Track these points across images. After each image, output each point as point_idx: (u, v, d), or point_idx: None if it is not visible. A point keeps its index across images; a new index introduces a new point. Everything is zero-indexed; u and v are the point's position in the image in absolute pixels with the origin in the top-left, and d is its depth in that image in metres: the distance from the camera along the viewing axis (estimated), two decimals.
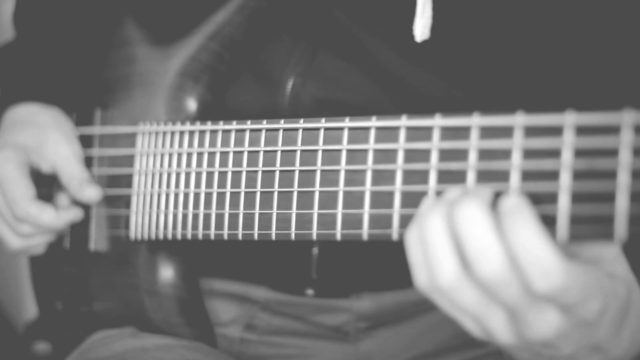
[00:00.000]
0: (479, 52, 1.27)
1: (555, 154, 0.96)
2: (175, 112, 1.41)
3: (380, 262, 1.42)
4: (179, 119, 1.41)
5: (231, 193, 1.28)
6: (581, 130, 0.95)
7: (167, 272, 1.43)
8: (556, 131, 0.96)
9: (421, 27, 1.24)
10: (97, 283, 1.53)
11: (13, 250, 1.55)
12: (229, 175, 1.28)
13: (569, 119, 0.95)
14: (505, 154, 1.00)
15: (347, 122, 1.16)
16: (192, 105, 1.41)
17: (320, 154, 1.18)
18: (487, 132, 1.02)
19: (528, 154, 0.99)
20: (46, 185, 1.56)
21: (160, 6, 1.49)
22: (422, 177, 1.08)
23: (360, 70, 1.34)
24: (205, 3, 1.44)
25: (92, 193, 1.48)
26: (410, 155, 1.09)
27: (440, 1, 1.25)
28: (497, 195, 0.97)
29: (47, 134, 1.52)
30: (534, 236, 0.91)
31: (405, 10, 1.26)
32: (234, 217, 1.27)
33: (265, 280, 1.53)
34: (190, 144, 1.34)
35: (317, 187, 1.18)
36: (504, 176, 1.00)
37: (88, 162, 1.54)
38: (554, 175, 0.96)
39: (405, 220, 1.09)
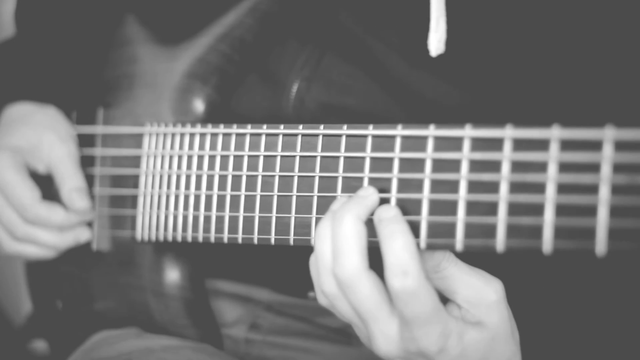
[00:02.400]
0: (493, 63, 1.28)
1: (593, 168, 0.97)
2: (182, 113, 1.41)
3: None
4: (187, 120, 1.40)
5: (246, 196, 1.27)
6: (620, 146, 0.96)
7: (173, 274, 1.43)
8: (594, 145, 0.97)
9: (436, 42, 1.24)
10: (99, 283, 1.53)
11: (7, 253, 1.54)
12: (244, 178, 1.27)
13: (609, 134, 0.97)
14: (541, 167, 1.01)
15: (371, 130, 1.16)
16: (199, 106, 1.40)
17: (342, 160, 1.18)
18: (521, 144, 1.03)
19: (564, 167, 1.00)
20: (44, 186, 1.54)
21: (163, 6, 1.48)
22: (452, 187, 1.08)
23: (367, 76, 1.34)
24: (209, 5, 1.43)
25: (82, 205, 1.47)
26: (439, 165, 1.09)
27: (454, 14, 1.25)
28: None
29: (41, 135, 1.51)
30: (405, 243, 1.03)
31: (417, 21, 1.27)
32: (249, 221, 1.27)
33: (268, 282, 1.53)
34: (201, 146, 1.33)
35: (339, 193, 1.18)
36: (539, 188, 1.01)
37: (90, 161, 1.52)
38: (592, 189, 0.97)
39: (434, 229, 1.09)
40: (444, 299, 1.12)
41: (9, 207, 1.48)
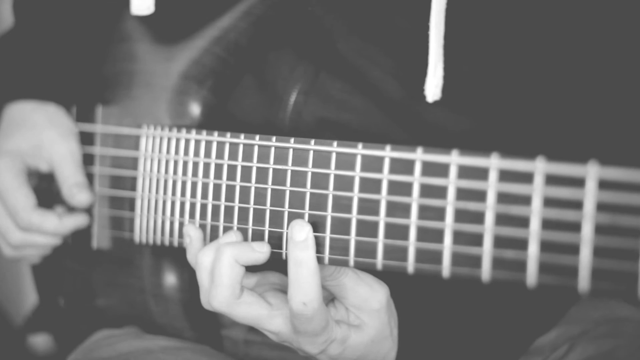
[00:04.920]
0: (489, 103, 1.29)
1: (577, 205, 0.97)
2: (179, 115, 1.40)
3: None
4: (183, 122, 1.39)
5: (239, 207, 1.27)
6: (604, 184, 0.95)
7: (172, 276, 1.43)
8: (578, 182, 0.97)
9: (433, 87, 1.25)
10: (100, 281, 1.53)
11: (7, 258, 1.55)
12: (237, 188, 1.27)
13: (592, 171, 0.96)
14: (525, 200, 1.00)
15: (360, 149, 1.15)
16: (195, 109, 1.40)
17: (332, 177, 1.17)
18: (506, 175, 1.02)
19: (548, 202, 0.99)
20: (47, 181, 1.54)
21: (161, 4, 1.46)
22: (439, 213, 1.08)
23: (363, 95, 1.33)
24: (207, 5, 1.42)
25: (82, 198, 1.47)
26: (426, 190, 1.09)
27: (451, 59, 1.25)
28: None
29: (40, 134, 1.50)
30: (309, 274, 1.14)
31: (416, 59, 1.27)
32: (242, 232, 1.26)
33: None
34: (197, 151, 1.33)
35: (330, 212, 1.17)
36: (523, 222, 1.00)
37: (89, 160, 1.52)
38: (575, 227, 0.97)
39: (422, 255, 1.09)
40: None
41: (5, 214, 1.48)
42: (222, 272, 1.18)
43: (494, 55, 1.27)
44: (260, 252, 1.20)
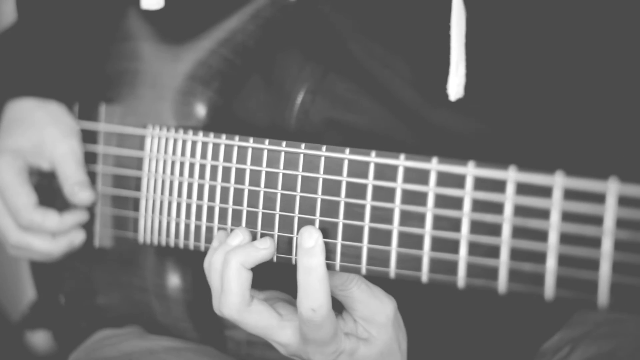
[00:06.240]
0: (508, 103, 1.29)
1: (596, 220, 0.97)
2: (184, 116, 1.39)
3: None
4: (189, 123, 1.39)
5: (248, 211, 1.27)
6: (624, 201, 0.96)
7: (176, 277, 1.43)
8: (598, 197, 0.97)
9: (455, 86, 1.25)
10: (102, 279, 1.53)
11: (11, 256, 1.54)
12: (246, 192, 1.27)
13: (612, 187, 0.96)
14: (543, 214, 1.01)
15: (373, 157, 1.14)
16: (201, 110, 1.39)
17: (344, 184, 1.17)
18: (524, 188, 1.02)
19: (567, 216, 0.99)
20: (47, 179, 1.53)
21: (170, 4, 1.45)
22: (454, 223, 1.08)
23: (371, 96, 1.33)
24: (214, 6, 1.41)
25: (84, 196, 1.46)
26: (442, 200, 1.09)
27: (471, 58, 1.25)
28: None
29: (43, 132, 1.49)
30: (319, 280, 1.15)
31: (431, 59, 1.27)
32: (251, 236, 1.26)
33: (270, 284, 1.53)
34: (203, 154, 1.32)
35: (341, 219, 1.17)
36: (541, 235, 1.01)
37: (92, 158, 1.51)
38: (595, 242, 0.97)
39: (435, 265, 1.09)
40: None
41: (6, 212, 1.47)
42: (230, 278, 1.19)
43: (512, 61, 1.27)
44: (264, 248, 1.20)
